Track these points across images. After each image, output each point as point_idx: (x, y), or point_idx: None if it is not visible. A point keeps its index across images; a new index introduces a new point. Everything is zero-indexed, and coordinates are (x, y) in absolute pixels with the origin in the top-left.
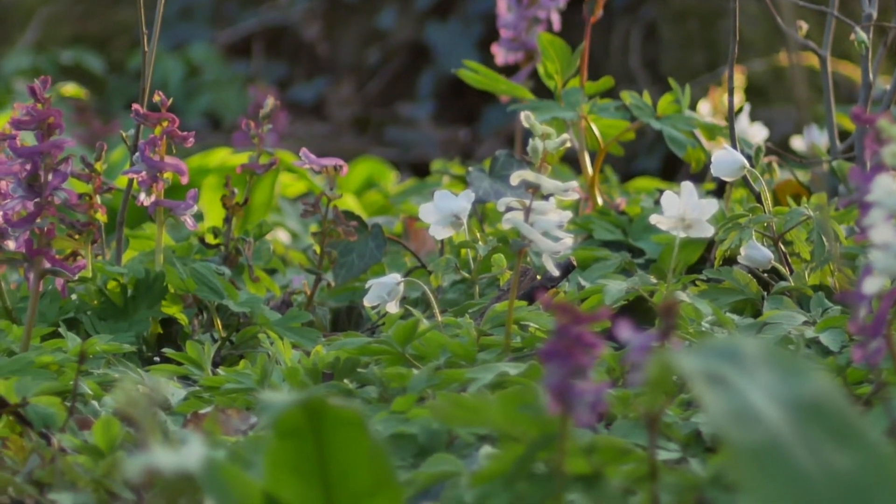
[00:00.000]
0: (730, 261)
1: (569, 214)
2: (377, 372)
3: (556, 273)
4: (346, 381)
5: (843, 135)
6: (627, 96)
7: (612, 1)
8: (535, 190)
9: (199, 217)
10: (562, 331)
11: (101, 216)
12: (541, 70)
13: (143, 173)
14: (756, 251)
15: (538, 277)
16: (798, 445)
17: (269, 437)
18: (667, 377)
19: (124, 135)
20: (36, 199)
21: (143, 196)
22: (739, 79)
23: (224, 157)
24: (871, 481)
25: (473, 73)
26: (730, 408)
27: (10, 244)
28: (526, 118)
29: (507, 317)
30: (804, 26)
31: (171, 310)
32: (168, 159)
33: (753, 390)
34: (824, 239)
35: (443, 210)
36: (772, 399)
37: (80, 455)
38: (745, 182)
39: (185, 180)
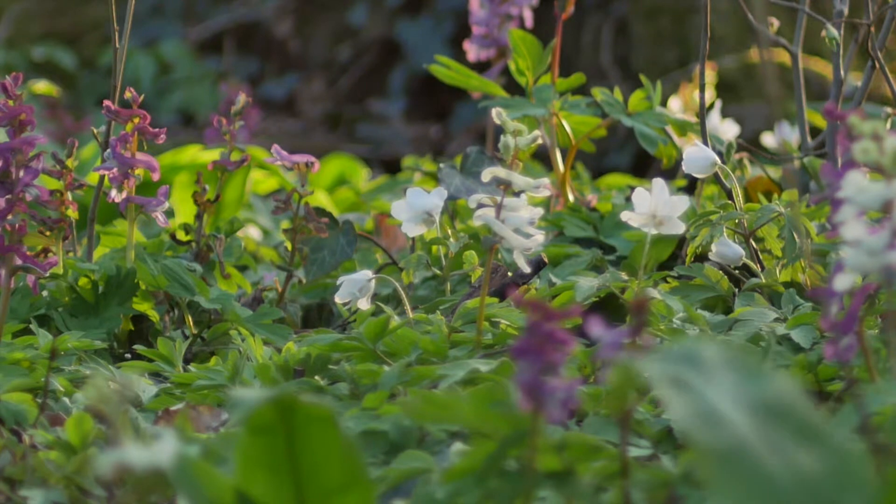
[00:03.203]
0: (701, 257)
1: (540, 211)
2: (348, 369)
3: (527, 270)
4: (317, 377)
5: (815, 131)
6: (599, 93)
7: None
8: (506, 186)
9: (170, 214)
10: (533, 327)
11: (73, 213)
12: (512, 67)
13: (115, 170)
14: (727, 248)
15: (509, 274)
16: (763, 447)
17: (240, 434)
18: (629, 382)
19: (96, 131)
20: (7, 196)
21: (114, 193)
22: (711, 75)
23: (195, 153)
24: (837, 481)
25: (445, 70)
26: (694, 411)
27: None
28: (497, 115)
29: (478, 313)
30: (775, 23)
31: (143, 306)
32: (139, 156)
33: (715, 393)
34: (795, 236)
35: (415, 207)
36: (734, 401)
37: (51, 451)
38: (716, 179)
39: (156, 177)
